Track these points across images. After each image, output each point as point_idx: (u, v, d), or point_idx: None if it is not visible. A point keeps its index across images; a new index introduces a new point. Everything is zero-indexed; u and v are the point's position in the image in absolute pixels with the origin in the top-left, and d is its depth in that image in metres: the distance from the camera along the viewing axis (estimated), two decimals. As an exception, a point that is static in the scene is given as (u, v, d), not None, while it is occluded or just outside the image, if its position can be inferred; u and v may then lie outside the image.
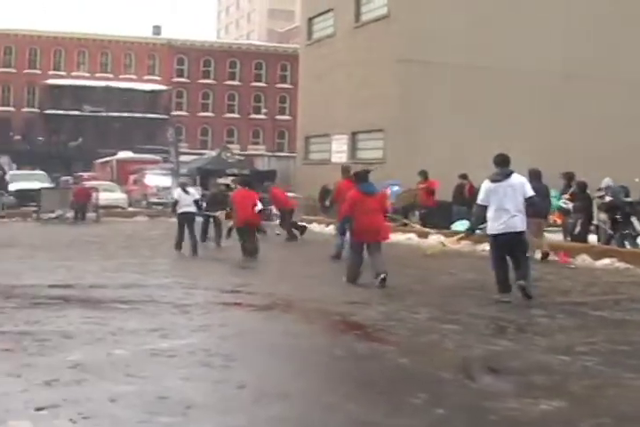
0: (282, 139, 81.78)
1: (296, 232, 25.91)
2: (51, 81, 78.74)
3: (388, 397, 6.78)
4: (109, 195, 39.47)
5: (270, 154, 75.88)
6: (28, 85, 79.29)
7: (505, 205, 12.34)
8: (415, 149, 34.48)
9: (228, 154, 43.35)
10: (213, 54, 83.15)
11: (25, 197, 38.37)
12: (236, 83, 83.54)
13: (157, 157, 55.13)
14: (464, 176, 26.83)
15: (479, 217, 13.00)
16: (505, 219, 12.34)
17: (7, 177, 43.41)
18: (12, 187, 40.16)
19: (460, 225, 24.22)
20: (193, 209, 20.86)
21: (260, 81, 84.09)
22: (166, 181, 41.63)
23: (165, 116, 77.03)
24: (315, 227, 29.83)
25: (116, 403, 6.36)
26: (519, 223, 12.48)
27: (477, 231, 14.43)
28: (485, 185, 12.61)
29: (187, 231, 20.62)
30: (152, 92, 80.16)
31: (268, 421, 6.15)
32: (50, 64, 79.84)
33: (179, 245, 20.67)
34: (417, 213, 27.39)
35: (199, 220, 22.41)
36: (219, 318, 10.62)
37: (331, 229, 25.88)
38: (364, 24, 40.31)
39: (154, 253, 20.50)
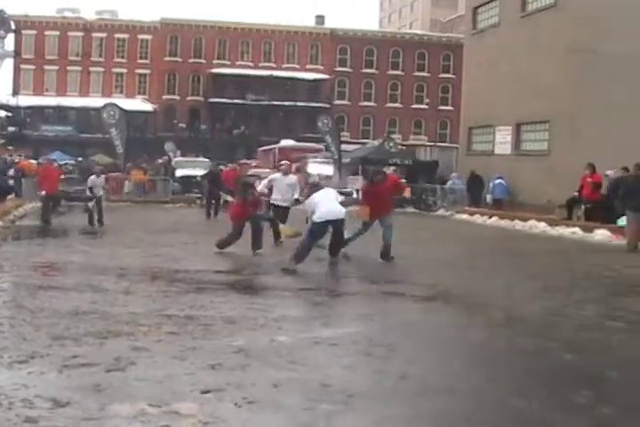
0: (444, 129, 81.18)
1: None
2: (215, 70, 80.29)
3: (553, 394, 6.60)
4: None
5: (432, 144, 75.39)
6: (192, 74, 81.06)
7: None
8: (581, 142, 33.51)
9: (391, 144, 43.35)
10: (376, 44, 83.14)
11: (189, 183, 39.22)
12: (398, 72, 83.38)
13: (319, 146, 55.46)
14: (626, 169, 26.11)
15: None
16: None
17: (172, 164, 44.40)
18: (177, 173, 41.06)
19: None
20: None
21: (422, 71, 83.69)
22: (328, 169, 41.78)
23: (327, 106, 77.46)
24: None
25: (279, 389, 6.39)
26: None
27: None
28: None
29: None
30: (314, 81, 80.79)
31: (432, 414, 6.06)
32: (214, 53, 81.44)
33: None
34: (582, 207, 26.77)
35: None
36: (380, 308, 10.58)
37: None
38: (530, 13, 39.46)
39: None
